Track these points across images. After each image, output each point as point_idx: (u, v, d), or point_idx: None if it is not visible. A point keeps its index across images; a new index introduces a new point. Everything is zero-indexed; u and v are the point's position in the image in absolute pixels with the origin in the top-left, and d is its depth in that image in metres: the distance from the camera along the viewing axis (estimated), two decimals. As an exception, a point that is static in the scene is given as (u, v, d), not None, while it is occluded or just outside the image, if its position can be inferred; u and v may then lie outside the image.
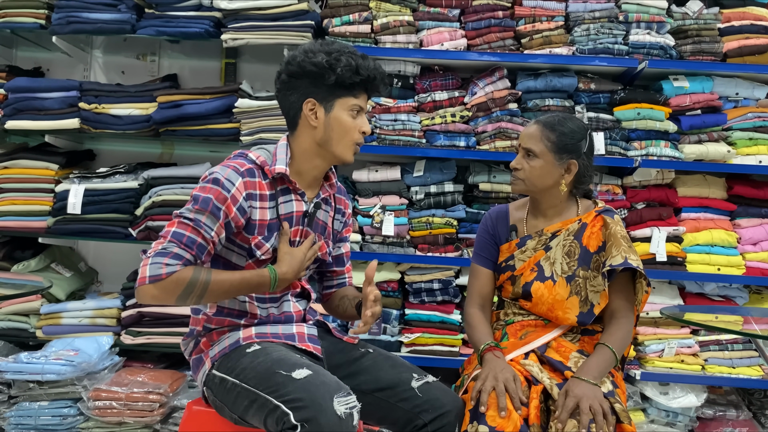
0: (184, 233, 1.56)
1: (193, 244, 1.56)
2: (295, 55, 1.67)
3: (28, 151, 3.03)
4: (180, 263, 1.53)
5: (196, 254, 1.56)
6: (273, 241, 1.69)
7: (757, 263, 2.81)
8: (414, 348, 2.80)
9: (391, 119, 2.85)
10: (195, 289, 1.54)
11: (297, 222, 1.73)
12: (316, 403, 1.41)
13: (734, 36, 2.84)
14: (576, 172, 1.90)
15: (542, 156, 1.88)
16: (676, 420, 2.80)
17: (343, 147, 1.68)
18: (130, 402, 2.62)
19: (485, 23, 2.85)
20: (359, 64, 1.63)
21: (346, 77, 1.62)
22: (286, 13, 2.83)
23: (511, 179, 1.96)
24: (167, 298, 1.54)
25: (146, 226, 2.85)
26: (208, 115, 2.87)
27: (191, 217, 1.57)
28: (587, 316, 1.85)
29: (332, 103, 1.66)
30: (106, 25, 2.90)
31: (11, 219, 2.93)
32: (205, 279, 1.55)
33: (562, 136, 1.88)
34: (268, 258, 1.69)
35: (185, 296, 1.54)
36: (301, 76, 1.66)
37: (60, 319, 2.88)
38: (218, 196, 1.58)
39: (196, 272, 1.54)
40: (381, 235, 2.81)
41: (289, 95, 1.69)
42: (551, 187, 1.91)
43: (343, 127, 1.67)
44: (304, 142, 1.71)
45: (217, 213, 1.58)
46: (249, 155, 1.69)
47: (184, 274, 1.53)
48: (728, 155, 2.79)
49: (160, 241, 1.56)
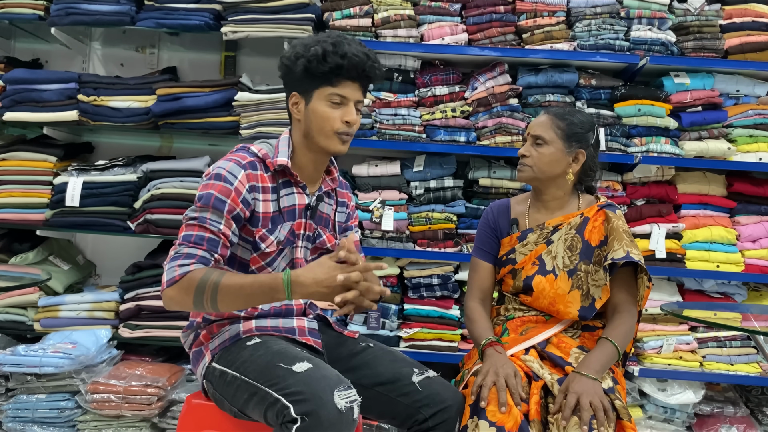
0: (191, 233, 1.57)
1: (201, 240, 1.56)
2: (287, 50, 1.69)
3: (26, 143, 3.02)
4: (192, 261, 1.53)
5: (208, 248, 1.56)
6: (277, 233, 1.68)
7: (756, 260, 2.81)
8: (413, 343, 2.80)
9: (391, 114, 2.84)
10: (206, 290, 1.49)
11: (300, 215, 1.72)
12: (316, 396, 1.40)
13: (736, 33, 2.84)
14: (583, 162, 1.92)
15: (552, 143, 1.90)
16: (674, 416, 2.81)
17: (324, 138, 1.66)
18: (128, 395, 2.61)
19: (486, 18, 2.85)
20: (327, 52, 1.58)
21: (312, 67, 1.60)
22: (287, 6, 2.82)
23: (518, 167, 1.96)
24: (184, 300, 1.52)
25: (145, 219, 2.84)
26: (208, 109, 2.86)
27: (195, 216, 1.58)
28: (588, 310, 1.85)
29: (311, 95, 1.65)
30: (105, 17, 2.88)
31: (9, 211, 2.92)
32: (216, 279, 1.50)
33: (572, 125, 1.91)
34: (272, 251, 1.68)
35: (199, 297, 1.50)
36: (286, 72, 1.68)
37: (58, 312, 2.87)
38: (221, 189, 1.59)
39: (208, 273, 1.52)
40: (380, 230, 2.80)
41: (286, 90, 1.72)
42: (558, 175, 1.92)
43: (320, 116, 1.64)
44: (296, 136, 1.72)
45: (221, 206, 1.58)
46: (251, 148, 1.69)
47: (196, 274, 1.52)
48: (728, 152, 2.79)
49: (173, 248, 1.57)
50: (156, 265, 2.86)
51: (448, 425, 1.64)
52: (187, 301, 1.52)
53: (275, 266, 1.72)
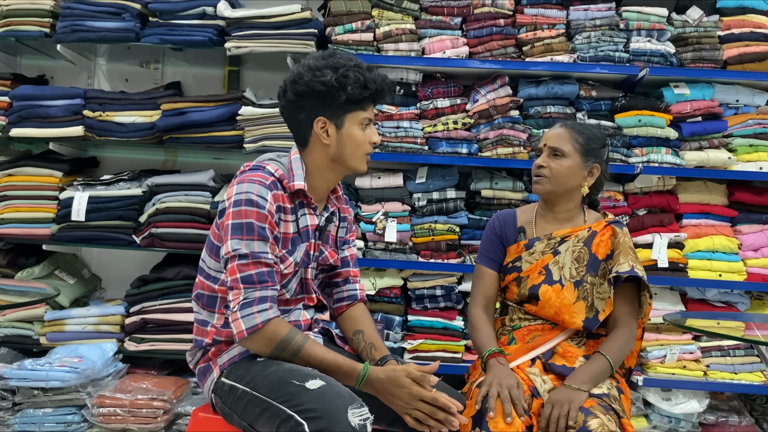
0: (250, 273, 1.57)
1: (264, 276, 1.58)
2: (301, 74, 1.64)
3: (32, 158, 3.04)
4: (267, 305, 1.57)
5: (272, 285, 1.59)
6: (296, 255, 1.69)
7: (759, 269, 2.82)
8: (417, 354, 2.81)
9: (394, 126, 2.87)
10: (287, 349, 1.57)
11: (311, 236, 1.73)
12: (330, 414, 1.41)
13: (734, 43, 2.86)
14: (597, 177, 1.95)
15: (571, 156, 1.93)
16: (679, 426, 2.81)
17: (356, 160, 1.70)
18: (134, 409, 2.62)
19: (487, 31, 2.87)
20: (367, 78, 1.63)
21: (356, 94, 1.62)
22: (290, 21, 2.85)
23: (535, 179, 1.98)
24: (261, 350, 1.60)
25: (150, 233, 2.86)
26: (212, 123, 2.88)
27: (245, 253, 1.57)
28: (592, 321, 1.87)
29: (342, 119, 1.66)
30: (110, 34, 2.92)
31: (15, 226, 2.94)
32: (300, 343, 1.58)
33: (589, 140, 1.95)
34: (290, 273, 1.69)
35: (277, 353, 1.58)
36: (309, 95, 1.64)
37: (64, 326, 2.89)
38: (258, 216, 1.58)
39: (291, 332, 1.58)
40: (384, 241, 2.82)
41: (297, 114, 1.68)
42: (574, 189, 1.95)
43: (356, 141, 1.67)
44: (317, 159, 1.71)
45: (264, 234, 1.59)
46: (266, 167, 1.67)
47: (279, 328, 1.58)
48: (729, 162, 2.81)
49: (236, 293, 1.57)
50: (161, 279, 2.88)
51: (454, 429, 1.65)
52: (265, 352, 1.60)
53: (289, 287, 1.73)
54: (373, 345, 1.76)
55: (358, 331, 1.81)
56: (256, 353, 1.62)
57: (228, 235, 1.58)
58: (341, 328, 1.87)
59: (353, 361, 1.61)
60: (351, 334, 1.82)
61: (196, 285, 1.75)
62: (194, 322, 1.77)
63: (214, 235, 1.69)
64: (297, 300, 1.77)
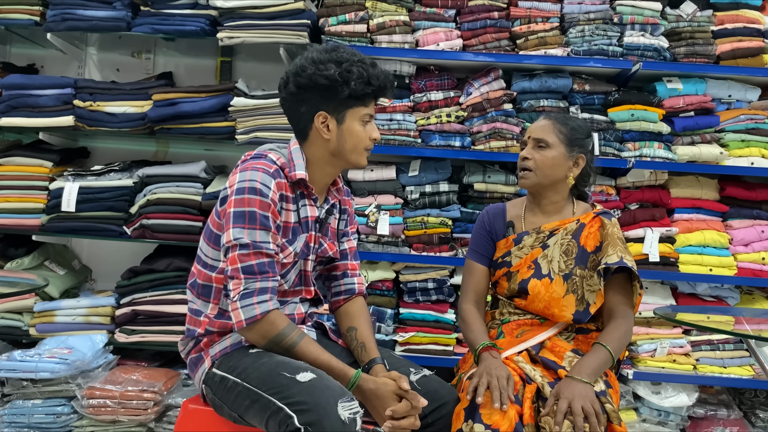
0: (251, 263, 1.57)
1: (264, 267, 1.57)
2: (304, 66, 1.63)
3: (22, 148, 3.02)
4: (267, 296, 1.57)
5: (272, 275, 1.59)
6: (296, 245, 1.68)
7: (749, 264, 2.84)
8: (408, 347, 2.81)
9: (387, 119, 2.86)
10: (282, 343, 1.58)
11: (311, 227, 1.73)
12: (320, 407, 1.41)
13: (727, 38, 2.86)
14: (582, 167, 1.95)
15: (555, 147, 1.93)
16: (668, 419, 2.82)
17: (356, 155, 1.69)
18: (124, 400, 2.61)
19: (481, 24, 2.87)
20: (370, 74, 1.62)
21: (358, 89, 1.61)
22: (283, 11, 2.83)
23: (520, 173, 1.98)
24: (257, 341, 1.61)
25: (141, 224, 2.84)
26: (204, 114, 2.87)
27: (247, 242, 1.56)
28: (583, 314, 1.87)
29: (344, 115, 1.65)
30: (101, 23, 2.89)
31: (5, 216, 2.92)
32: (295, 340, 1.59)
33: (573, 130, 1.95)
34: (289, 262, 1.68)
35: (272, 346, 1.59)
36: (311, 88, 1.63)
37: (54, 317, 2.87)
38: (261, 205, 1.57)
39: (288, 327, 1.59)
40: (376, 234, 2.82)
41: (298, 106, 1.67)
42: (559, 180, 1.95)
43: (356, 137, 1.67)
44: (317, 152, 1.70)
45: (266, 223, 1.58)
46: (269, 156, 1.66)
47: (277, 321, 1.58)
48: (721, 157, 2.82)
49: (236, 282, 1.57)
50: (152, 270, 2.87)
51: (445, 421, 1.66)
52: (260, 343, 1.61)
53: (288, 278, 1.72)
54: (364, 345, 1.75)
55: (351, 328, 1.80)
56: (253, 343, 1.62)
57: (230, 223, 1.58)
58: (338, 322, 1.87)
59: (345, 365, 1.61)
60: (345, 330, 1.82)
61: (192, 273, 1.74)
62: (188, 312, 1.76)
63: (214, 223, 1.68)
64: (295, 292, 1.76)
